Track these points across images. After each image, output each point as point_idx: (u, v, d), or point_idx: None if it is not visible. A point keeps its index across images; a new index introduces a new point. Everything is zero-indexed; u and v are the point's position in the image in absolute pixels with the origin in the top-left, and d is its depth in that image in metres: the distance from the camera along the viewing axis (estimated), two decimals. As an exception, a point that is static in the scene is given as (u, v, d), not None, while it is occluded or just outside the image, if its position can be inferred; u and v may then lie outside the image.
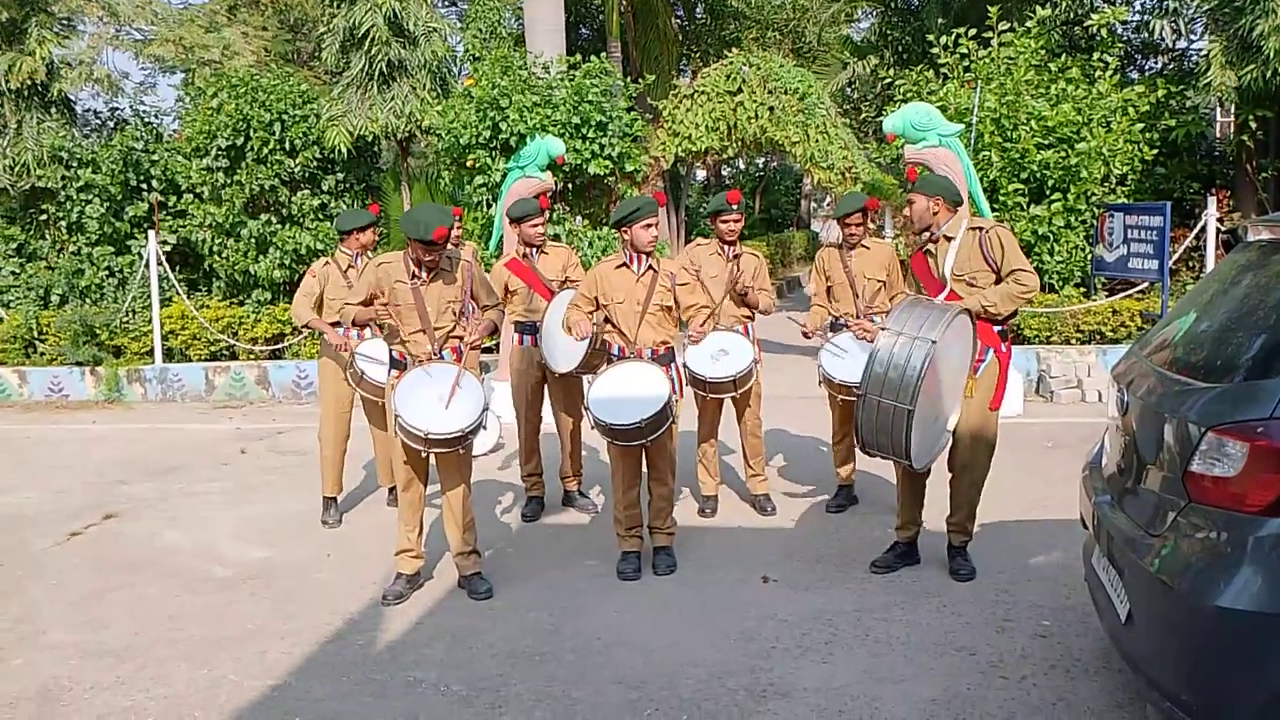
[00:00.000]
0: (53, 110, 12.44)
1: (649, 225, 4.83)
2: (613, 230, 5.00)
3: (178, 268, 11.60)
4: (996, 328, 4.56)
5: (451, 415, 4.46)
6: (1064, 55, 10.78)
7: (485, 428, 4.68)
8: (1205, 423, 2.67)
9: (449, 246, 4.76)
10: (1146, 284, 9.60)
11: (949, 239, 4.60)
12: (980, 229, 4.59)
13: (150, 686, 3.95)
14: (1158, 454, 2.95)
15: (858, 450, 4.67)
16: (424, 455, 4.61)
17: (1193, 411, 2.75)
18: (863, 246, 5.66)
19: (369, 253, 6.00)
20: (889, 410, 4.10)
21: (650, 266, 4.89)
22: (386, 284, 4.57)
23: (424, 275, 4.58)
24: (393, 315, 4.61)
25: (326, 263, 6.03)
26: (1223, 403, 2.68)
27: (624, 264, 4.91)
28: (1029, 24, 10.52)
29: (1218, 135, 14.12)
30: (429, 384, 4.50)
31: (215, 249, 11.30)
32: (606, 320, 4.95)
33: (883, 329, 4.18)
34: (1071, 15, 11.85)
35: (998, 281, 4.52)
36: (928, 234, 4.67)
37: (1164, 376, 3.09)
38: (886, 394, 4.08)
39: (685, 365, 5.31)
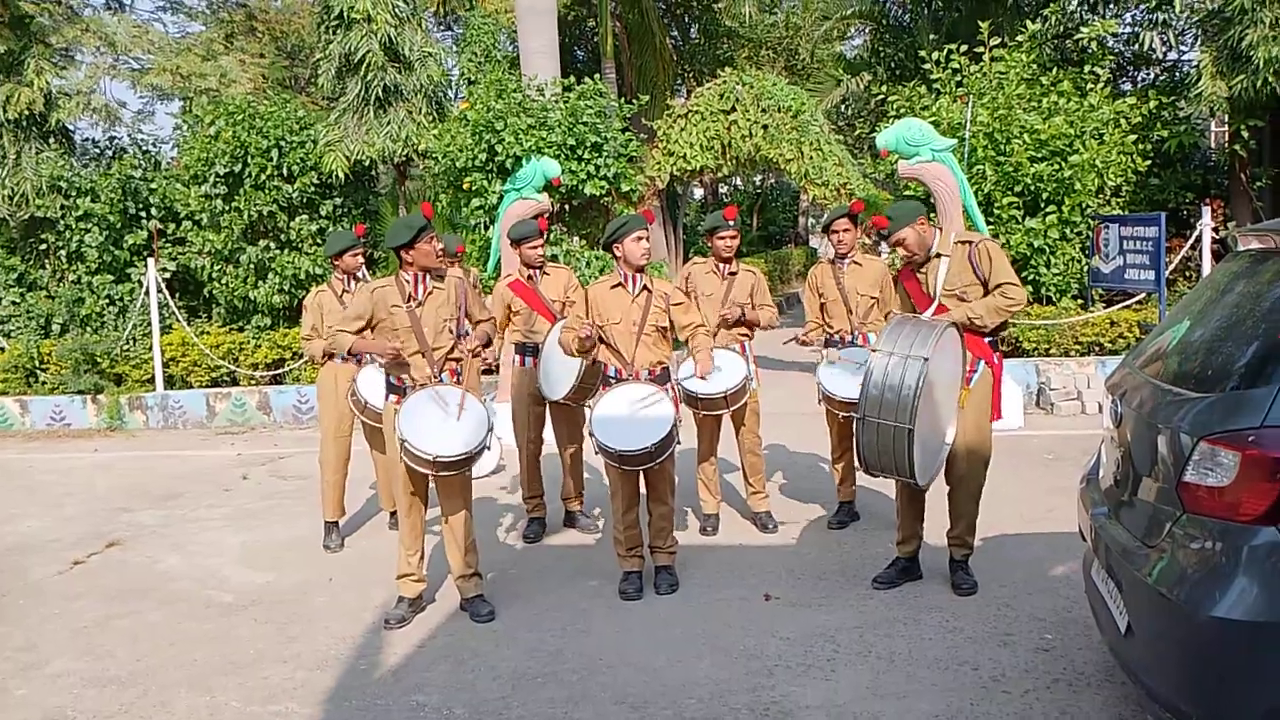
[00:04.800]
0: (51, 140, 12.53)
1: (639, 238, 4.85)
2: (606, 251, 5.02)
3: (177, 295, 11.65)
4: (987, 339, 4.58)
5: (457, 438, 4.46)
6: (1055, 69, 10.86)
7: (489, 449, 4.69)
8: (1197, 432, 2.68)
9: (447, 268, 4.79)
10: (1143, 295, 9.62)
11: (940, 255, 4.62)
12: (969, 242, 4.61)
13: (153, 714, 3.95)
14: (1152, 465, 2.96)
15: (859, 468, 4.68)
16: (428, 479, 4.62)
17: (1185, 421, 2.76)
18: (855, 263, 5.68)
19: (361, 275, 6.03)
20: (889, 431, 4.13)
21: (645, 286, 4.91)
22: (382, 309, 4.56)
23: (420, 294, 4.59)
24: (391, 340, 4.61)
25: (320, 291, 6.05)
26: (1214, 412, 2.69)
27: (619, 284, 4.93)
28: (1020, 39, 10.60)
29: (1211, 145, 14.18)
30: (432, 407, 4.51)
31: (214, 275, 11.36)
32: (601, 341, 4.96)
33: (874, 350, 4.21)
34: (1062, 29, 11.92)
35: (986, 295, 4.54)
36: (926, 255, 4.66)
37: (1156, 387, 3.10)
38: (885, 415, 4.11)
39: (679, 383, 5.32)
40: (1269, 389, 2.61)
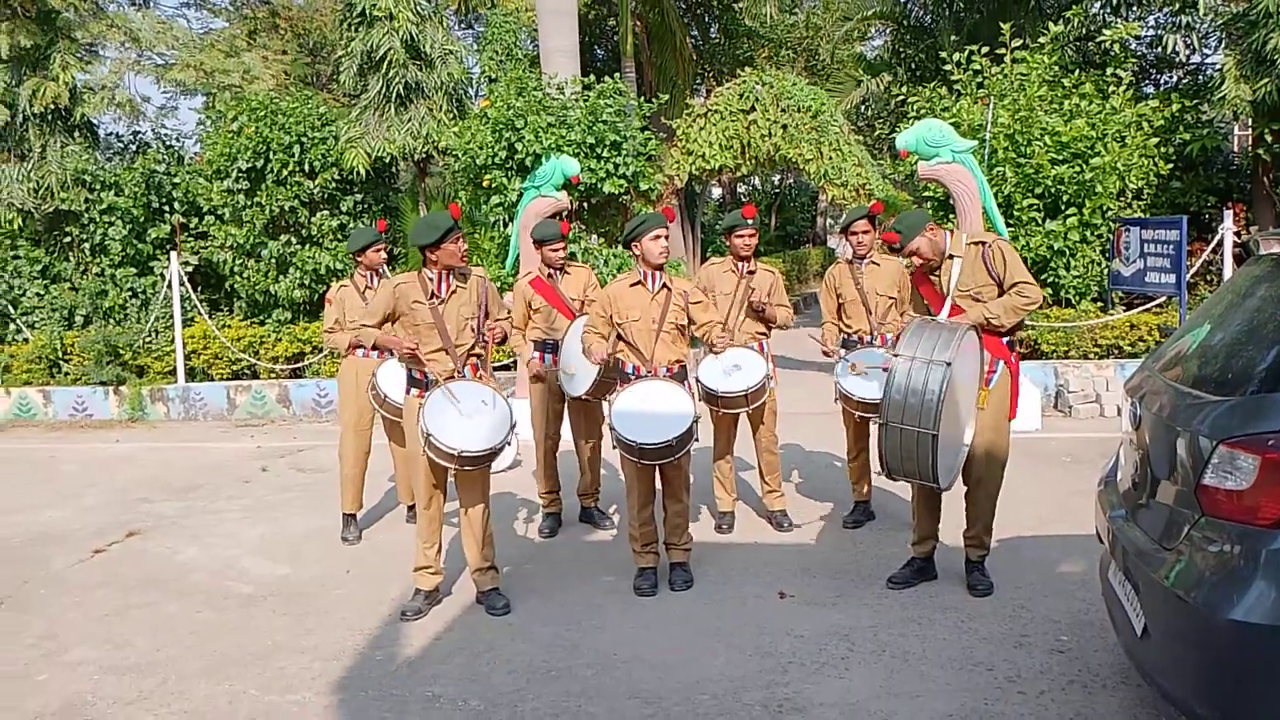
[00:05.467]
0: (76, 134, 12.66)
1: (658, 236, 4.88)
2: (625, 249, 5.04)
3: (199, 288, 11.75)
4: (1005, 339, 4.58)
5: (481, 433, 4.49)
6: (1077, 71, 10.79)
7: (510, 444, 4.72)
8: (1217, 436, 2.68)
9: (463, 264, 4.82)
10: (1164, 298, 9.56)
11: (953, 256, 4.62)
12: (983, 243, 4.60)
13: (172, 702, 4.00)
14: (1171, 468, 2.96)
15: (879, 472, 4.69)
16: (447, 472, 4.64)
17: (1204, 425, 2.76)
18: (873, 263, 5.69)
19: (382, 270, 6.08)
20: (912, 436, 4.12)
21: (664, 285, 4.93)
22: (404, 304, 4.61)
23: (444, 292, 4.63)
24: (412, 335, 4.64)
25: (343, 285, 6.11)
26: (1234, 416, 2.69)
27: (638, 282, 4.95)
28: (1042, 40, 10.54)
29: (1234, 149, 14.07)
30: (455, 403, 4.54)
31: (236, 269, 11.44)
32: (620, 338, 4.98)
33: (895, 355, 4.20)
34: (1084, 31, 11.85)
35: (1002, 294, 4.54)
36: (942, 258, 4.66)
37: (1176, 390, 3.10)
38: (908, 420, 4.10)
39: (698, 380, 5.33)
40: (1290, 393, 2.60)
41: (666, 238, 4.93)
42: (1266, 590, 2.53)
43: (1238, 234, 9.61)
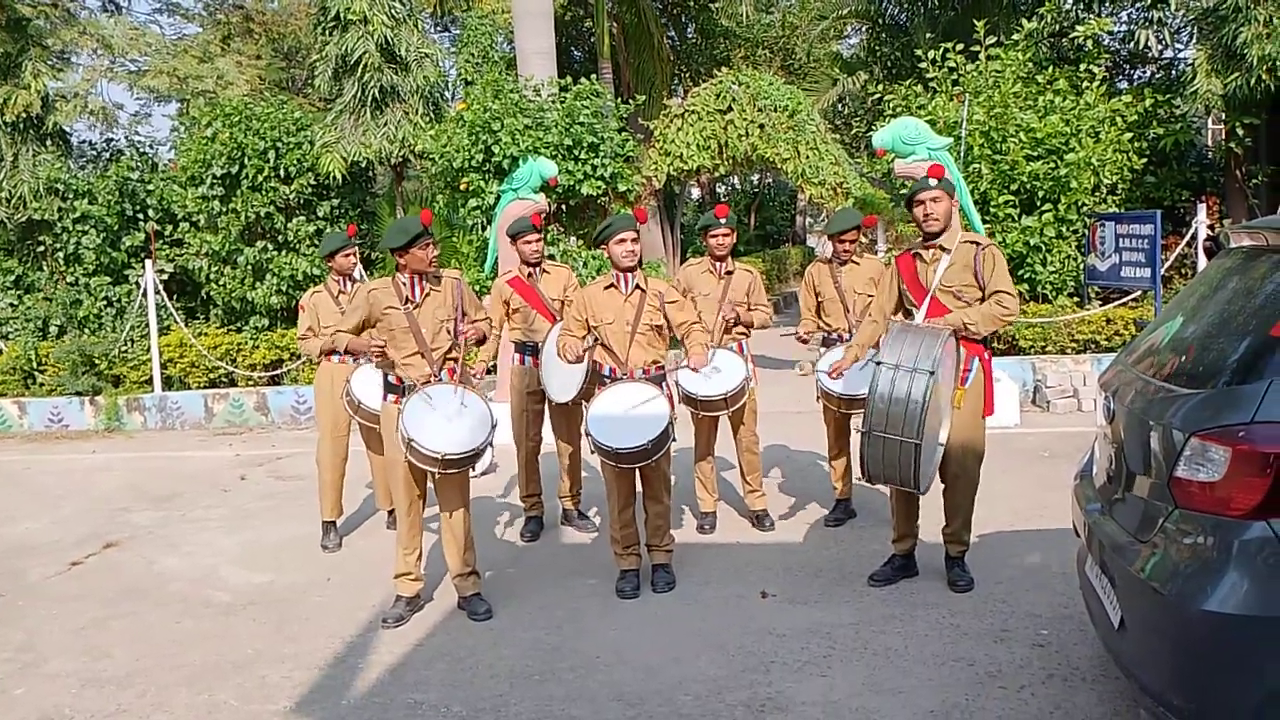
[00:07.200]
0: (48, 142, 12.53)
1: (622, 240, 4.87)
2: (600, 252, 5.04)
3: (175, 296, 11.65)
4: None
5: (462, 435, 4.48)
6: (1051, 67, 10.88)
7: (492, 445, 4.71)
8: (1188, 428, 2.70)
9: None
10: (1140, 292, 9.64)
11: (944, 249, 4.63)
12: (977, 244, 4.61)
13: (151, 713, 3.96)
14: (1144, 461, 2.98)
15: (860, 479, 4.70)
16: (433, 476, 4.62)
17: (1176, 417, 2.78)
18: (853, 261, 5.71)
19: (355, 275, 6.06)
20: (895, 445, 4.14)
21: (638, 286, 4.93)
22: (378, 309, 4.58)
23: (418, 296, 4.61)
24: (387, 340, 4.62)
25: (316, 292, 6.08)
26: (1205, 408, 2.71)
27: (612, 284, 4.95)
28: (1016, 37, 10.62)
29: (1208, 142, 14.20)
30: (434, 407, 4.53)
31: (212, 277, 11.36)
32: (597, 341, 4.98)
33: (878, 363, 4.20)
34: (1058, 27, 11.96)
35: (982, 298, 4.55)
36: (935, 237, 4.65)
37: (1149, 383, 3.12)
38: (891, 429, 4.12)
39: (678, 383, 5.33)
40: (1259, 385, 2.62)
41: (635, 240, 4.91)
42: (1239, 581, 2.55)
43: (1211, 227, 9.70)
